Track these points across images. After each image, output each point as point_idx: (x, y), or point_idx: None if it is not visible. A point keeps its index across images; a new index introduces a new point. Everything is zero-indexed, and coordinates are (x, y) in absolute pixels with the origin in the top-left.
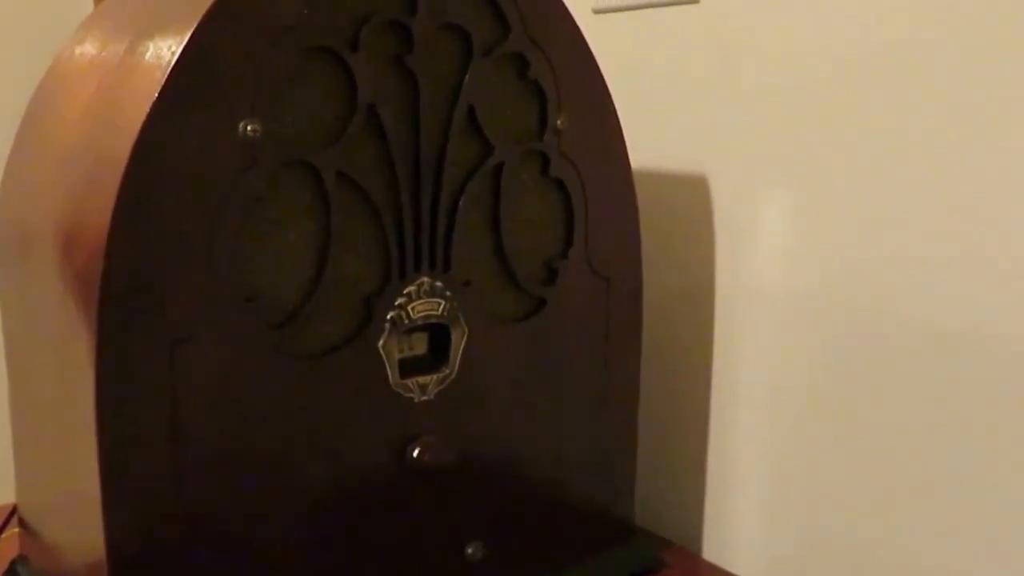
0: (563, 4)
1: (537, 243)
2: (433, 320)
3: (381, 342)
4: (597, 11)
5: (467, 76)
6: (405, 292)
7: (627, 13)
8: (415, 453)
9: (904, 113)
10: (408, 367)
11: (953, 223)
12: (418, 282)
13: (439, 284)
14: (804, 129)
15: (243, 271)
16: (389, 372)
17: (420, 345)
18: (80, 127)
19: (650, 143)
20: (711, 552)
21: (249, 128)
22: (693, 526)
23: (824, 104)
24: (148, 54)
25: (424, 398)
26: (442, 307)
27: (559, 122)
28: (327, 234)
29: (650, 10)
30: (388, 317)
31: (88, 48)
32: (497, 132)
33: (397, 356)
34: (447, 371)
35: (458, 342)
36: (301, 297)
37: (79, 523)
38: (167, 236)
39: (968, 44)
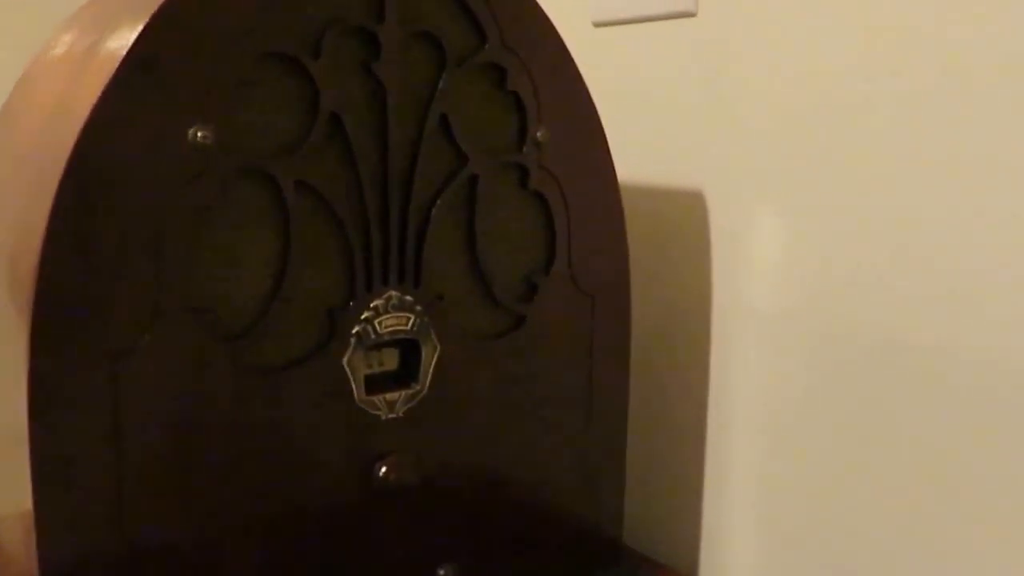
0: (544, 14)
1: (516, 258)
2: (402, 335)
3: (346, 357)
4: (597, 24)
5: (440, 85)
6: (372, 306)
7: (626, 27)
8: (381, 472)
9: (899, 131)
10: (376, 383)
11: (951, 242)
12: (386, 296)
13: (409, 298)
14: (800, 146)
15: (194, 281)
16: (354, 388)
17: (390, 361)
18: (36, 126)
19: (648, 158)
20: None
21: (199, 134)
22: (689, 550)
23: (821, 121)
24: (101, 55)
25: (392, 415)
26: (412, 322)
27: (539, 135)
28: (286, 245)
29: (649, 25)
30: (353, 331)
31: (59, 47)
32: (472, 143)
33: (364, 372)
34: (417, 388)
35: (429, 358)
36: (259, 309)
37: (23, 541)
38: (110, 243)
39: (965, 64)
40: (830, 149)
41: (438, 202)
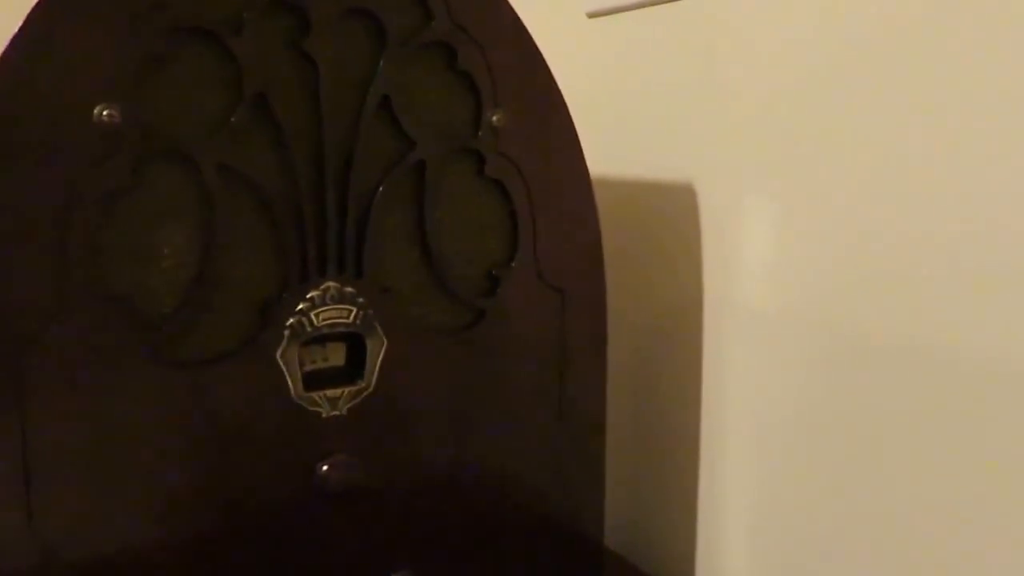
0: None
1: (475, 249)
2: (342, 329)
3: (279, 351)
4: (591, 15)
5: (381, 64)
6: (308, 297)
7: (621, 18)
8: (322, 472)
9: (898, 123)
10: (319, 379)
11: (950, 237)
12: (323, 287)
13: (349, 290)
14: (795, 138)
15: (106, 268)
16: (290, 384)
17: (336, 356)
18: None
19: (642, 151)
20: None
21: (106, 113)
22: (684, 557)
23: (816, 112)
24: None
25: (334, 413)
26: (353, 315)
27: (495, 119)
28: (210, 231)
29: (644, 15)
30: (287, 324)
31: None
32: (420, 127)
33: (305, 367)
34: (363, 384)
35: (375, 354)
36: (180, 299)
37: None
38: (9, 226)
39: (966, 49)
40: (826, 141)
41: (381, 189)
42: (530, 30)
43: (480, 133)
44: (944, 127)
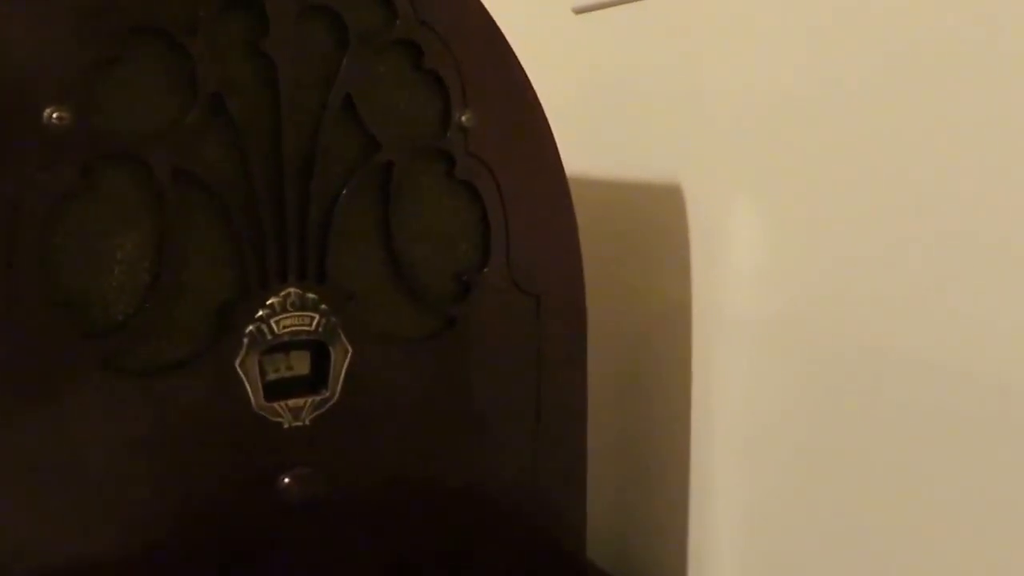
0: None
1: (445, 254)
2: (305, 337)
3: (238, 359)
4: (577, 11)
5: (343, 63)
6: (268, 304)
7: (607, 15)
8: (284, 485)
9: (889, 122)
10: (281, 389)
11: (943, 243)
12: (284, 293)
13: (312, 296)
14: (786, 138)
15: (55, 273)
16: (250, 394)
17: (301, 365)
18: None
19: (629, 150)
20: None
21: (55, 116)
22: (675, 568)
23: (808, 111)
24: None
25: (297, 424)
26: (316, 322)
27: (464, 118)
28: (164, 236)
29: (631, 9)
30: (246, 332)
31: None
32: (385, 128)
33: (267, 376)
34: (327, 394)
35: (340, 362)
36: (134, 306)
37: None
38: None
39: (963, 47)
40: (816, 141)
41: (345, 191)
42: (515, 26)
43: (449, 133)
44: (939, 125)
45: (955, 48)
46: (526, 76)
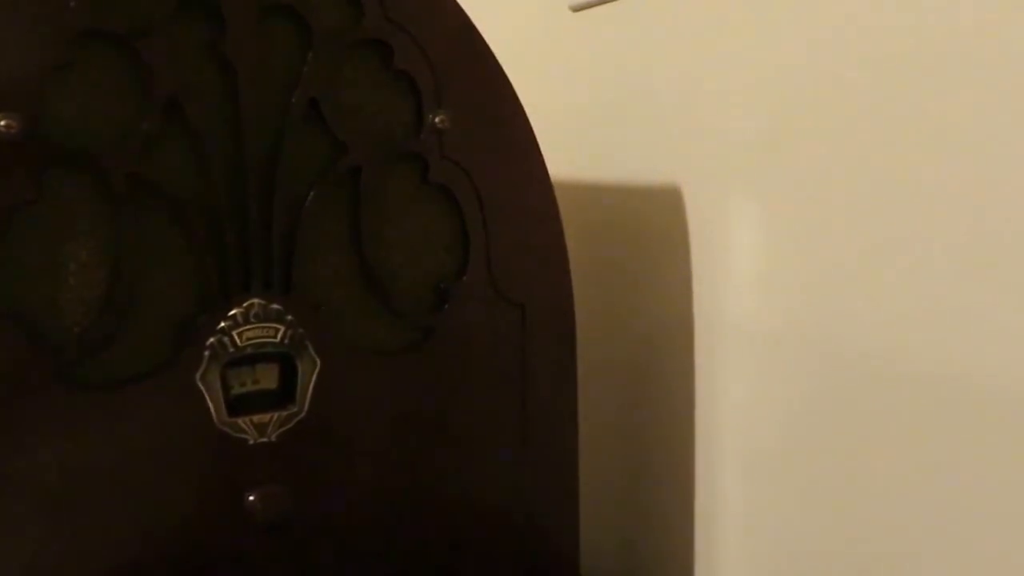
0: None
1: (421, 262)
2: (270, 349)
3: (199, 373)
4: (575, 8)
5: (307, 65)
6: (229, 315)
7: (606, 12)
8: (249, 503)
9: (895, 124)
10: (246, 404)
11: (949, 252)
12: (247, 304)
13: (276, 307)
14: (788, 139)
15: (6, 284)
16: (212, 408)
17: (268, 379)
18: None
19: (627, 153)
20: None
21: (3, 123)
22: None
23: (811, 112)
24: None
25: (263, 440)
26: (281, 334)
27: (438, 120)
28: (120, 245)
29: (629, 6)
30: (207, 344)
31: None
32: (352, 131)
33: (233, 390)
34: (294, 409)
35: (308, 375)
36: (89, 318)
37: None
38: None
39: (970, 47)
40: (820, 143)
41: (311, 198)
42: (511, 26)
43: (422, 136)
44: (947, 128)
45: (962, 47)
46: (505, 75)
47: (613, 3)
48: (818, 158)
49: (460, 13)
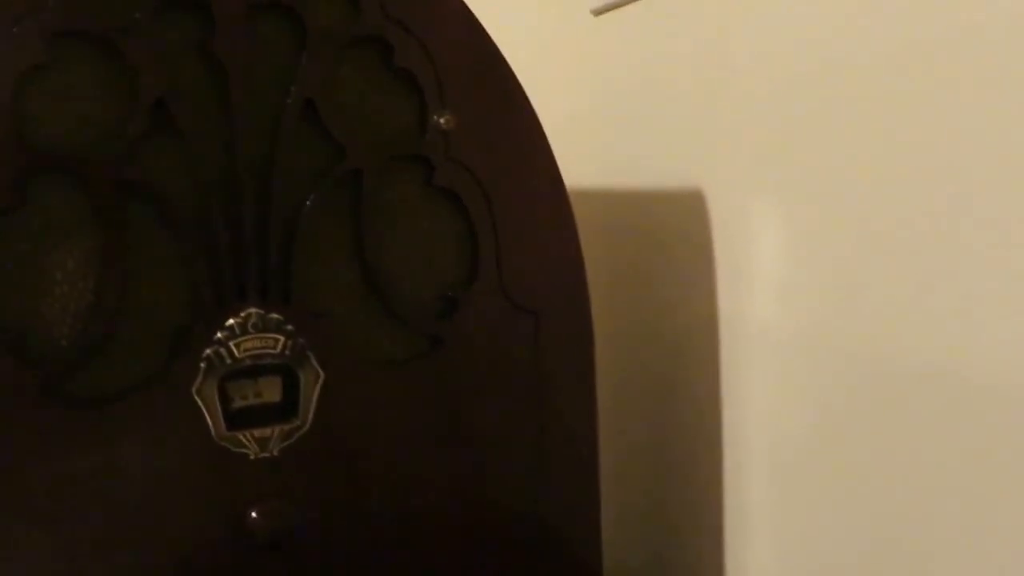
0: None
1: (427, 269)
2: (270, 360)
3: (195, 386)
4: (596, 12)
5: (302, 64)
6: (226, 326)
7: (627, 14)
8: (252, 520)
9: (925, 124)
10: (246, 418)
11: (984, 249)
12: (244, 314)
13: (275, 316)
14: (813, 141)
15: None
16: (209, 423)
17: (271, 391)
18: None
19: (650, 156)
20: None
21: None
22: None
23: (837, 112)
24: None
25: (264, 455)
26: (281, 344)
27: (443, 121)
28: (108, 253)
29: (651, 7)
30: (203, 356)
31: None
32: (352, 133)
33: (234, 403)
34: (297, 423)
35: (310, 388)
36: (78, 330)
37: None
38: None
39: (998, 44)
40: (846, 144)
41: (309, 203)
42: (532, 30)
43: (426, 137)
44: (978, 124)
45: (995, 44)
46: (512, 73)
47: (634, 5)
48: (842, 160)
49: (463, 8)
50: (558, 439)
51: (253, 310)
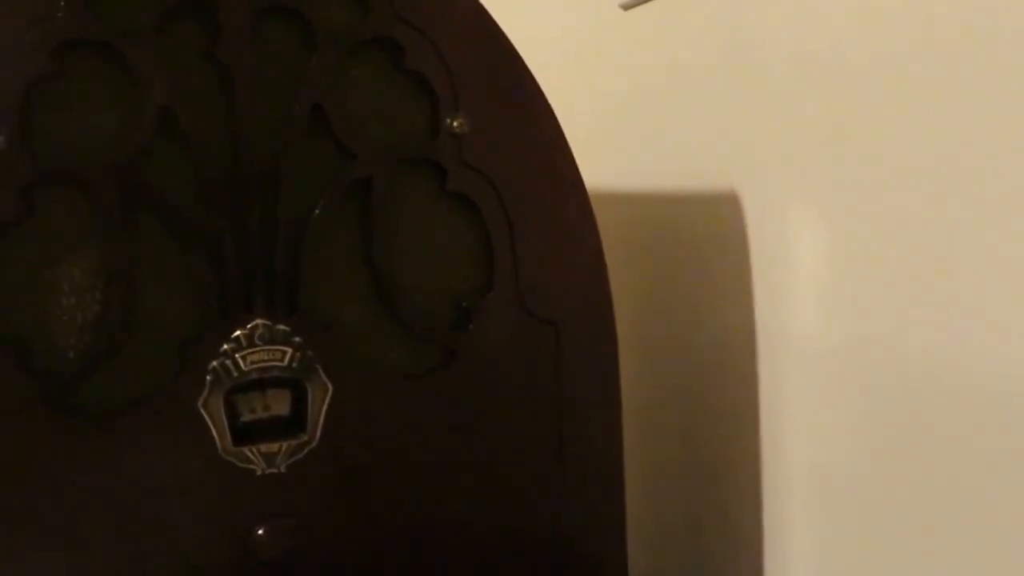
0: None
1: (441, 278)
2: (277, 373)
3: (201, 399)
4: (625, 6)
5: (310, 68)
6: (232, 337)
7: (657, 8)
8: (259, 538)
9: (971, 121)
10: (253, 432)
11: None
12: (251, 325)
13: (283, 328)
14: (853, 139)
15: None
16: (216, 437)
17: (280, 405)
18: None
19: (681, 157)
20: None
21: None
22: None
23: (878, 110)
24: None
25: (271, 471)
26: (289, 357)
27: (456, 124)
28: (114, 264)
29: (682, 3)
30: (209, 368)
31: None
32: (361, 138)
33: (242, 417)
34: (304, 438)
35: (319, 402)
36: (84, 342)
37: None
38: None
39: None
40: (890, 142)
41: (318, 211)
42: (560, 26)
43: (439, 142)
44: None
45: None
46: (530, 74)
47: None
48: (888, 158)
49: (477, 7)
50: (580, 458)
51: (260, 321)
